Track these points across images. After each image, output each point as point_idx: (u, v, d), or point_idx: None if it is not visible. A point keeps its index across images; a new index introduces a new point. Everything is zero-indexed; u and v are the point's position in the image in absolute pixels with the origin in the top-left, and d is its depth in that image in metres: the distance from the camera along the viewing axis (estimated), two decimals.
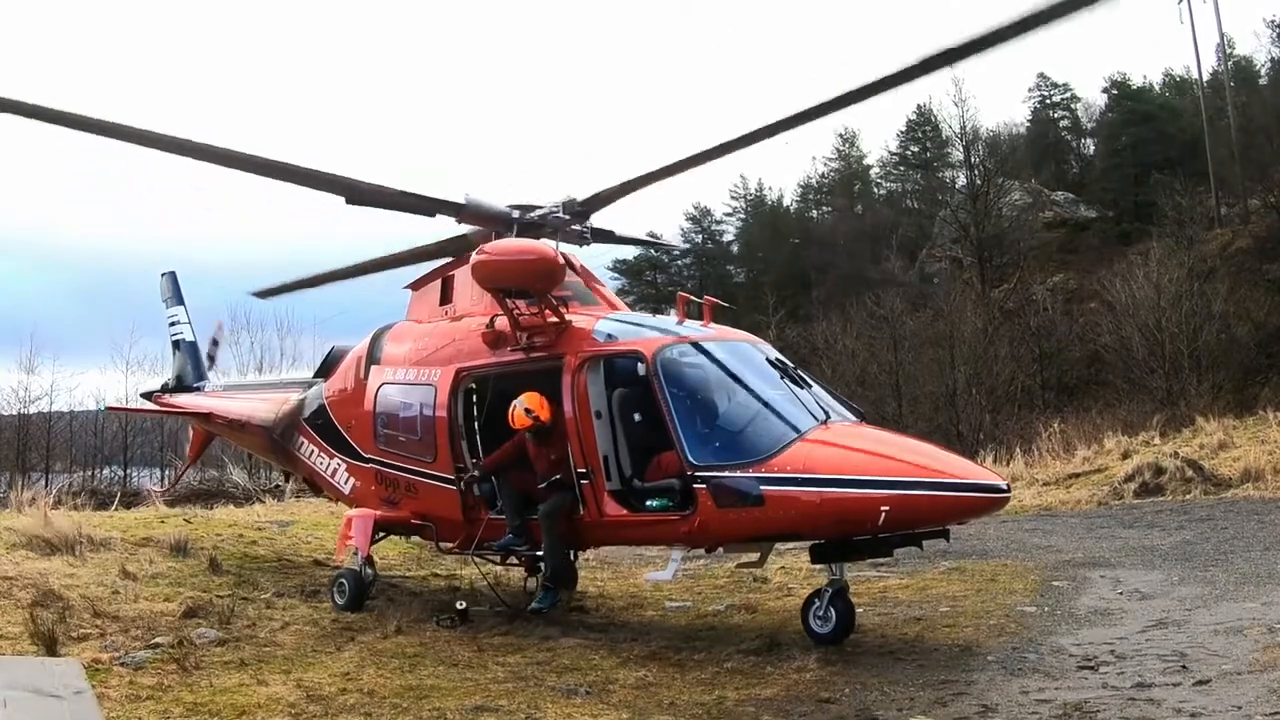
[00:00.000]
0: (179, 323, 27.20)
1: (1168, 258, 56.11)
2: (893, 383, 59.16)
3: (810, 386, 14.59)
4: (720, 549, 15.96)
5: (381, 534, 17.84)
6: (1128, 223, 74.79)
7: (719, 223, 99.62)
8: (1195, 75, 77.95)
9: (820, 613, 13.41)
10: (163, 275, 27.99)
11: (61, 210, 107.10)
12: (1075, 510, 29.91)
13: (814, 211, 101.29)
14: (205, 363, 26.60)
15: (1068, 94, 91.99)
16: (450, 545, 17.36)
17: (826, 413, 13.97)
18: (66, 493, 37.01)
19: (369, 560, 16.85)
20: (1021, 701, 10.38)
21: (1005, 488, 12.95)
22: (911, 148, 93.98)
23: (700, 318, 16.57)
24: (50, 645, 12.28)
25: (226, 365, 66.38)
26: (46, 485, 53.40)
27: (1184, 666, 11.28)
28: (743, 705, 10.91)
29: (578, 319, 15.78)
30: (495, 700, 11.05)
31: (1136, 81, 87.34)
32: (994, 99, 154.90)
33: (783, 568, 20.88)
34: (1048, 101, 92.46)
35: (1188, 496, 29.13)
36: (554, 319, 15.56)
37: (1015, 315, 64.09)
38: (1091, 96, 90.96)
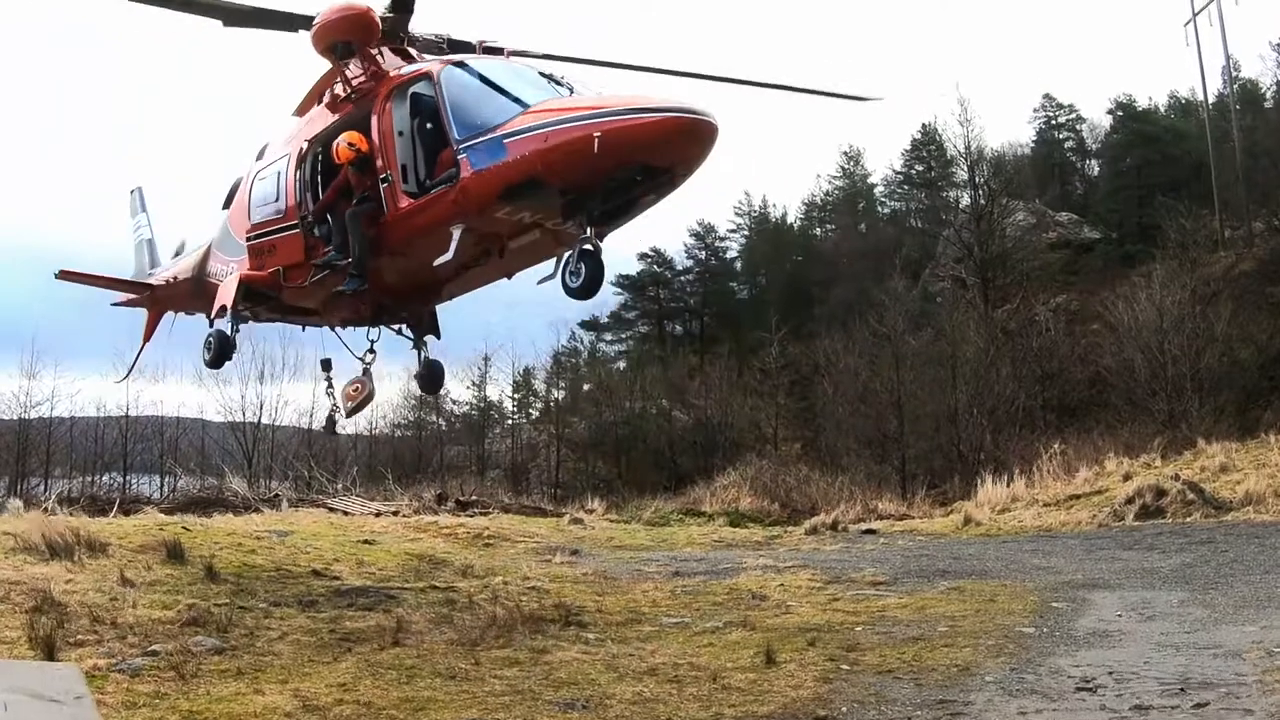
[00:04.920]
0: (142, 226, 28.42)
1: (1171, 280, 55.91)
2: (894, 401, 58.95)
3: (572, 90, 15.97)
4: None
5: (247, 307, 20.16)
6: (1131, 244, 74.53)
7: (723, 239, 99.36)
8: (1200, 98, 77.97)
9: (572, 268, 14.95)
10: (132, 191, 29.41)
11: (61, 216, 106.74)
12: (1075, 531, 29.92)
13: (817, 229, 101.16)
14: (159, 257, 27.25)
15: (1073, 115, 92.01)
16: (296, 285, 19.33)
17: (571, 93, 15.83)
18: (65, 499, 37.05)
19: (234, 315, 19.59)
20: None
21: (711, 117, 14.10)
22: (916, 167, 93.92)
23: None
24: (49, 651, 12.28)
25: (228, 374, 66.82)
26: (46, 491, 53.42)
27: (1183, 689, 11.28)
28: None
29: (398, 71, 18.09)
30: (492, 713, 11.07)
31: (1142, 103, 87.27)
32: (999, 119, 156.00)
33: (781, 585, 20.88)
34: (1053, 122, 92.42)
35: (1188, 519, 29.15)
36: (374, 69, 18.02)
37: (1017, 336, 63.85)
38: (1097, 118, 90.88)
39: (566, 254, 15.31)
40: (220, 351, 19.62)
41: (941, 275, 77.65)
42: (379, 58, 18.12)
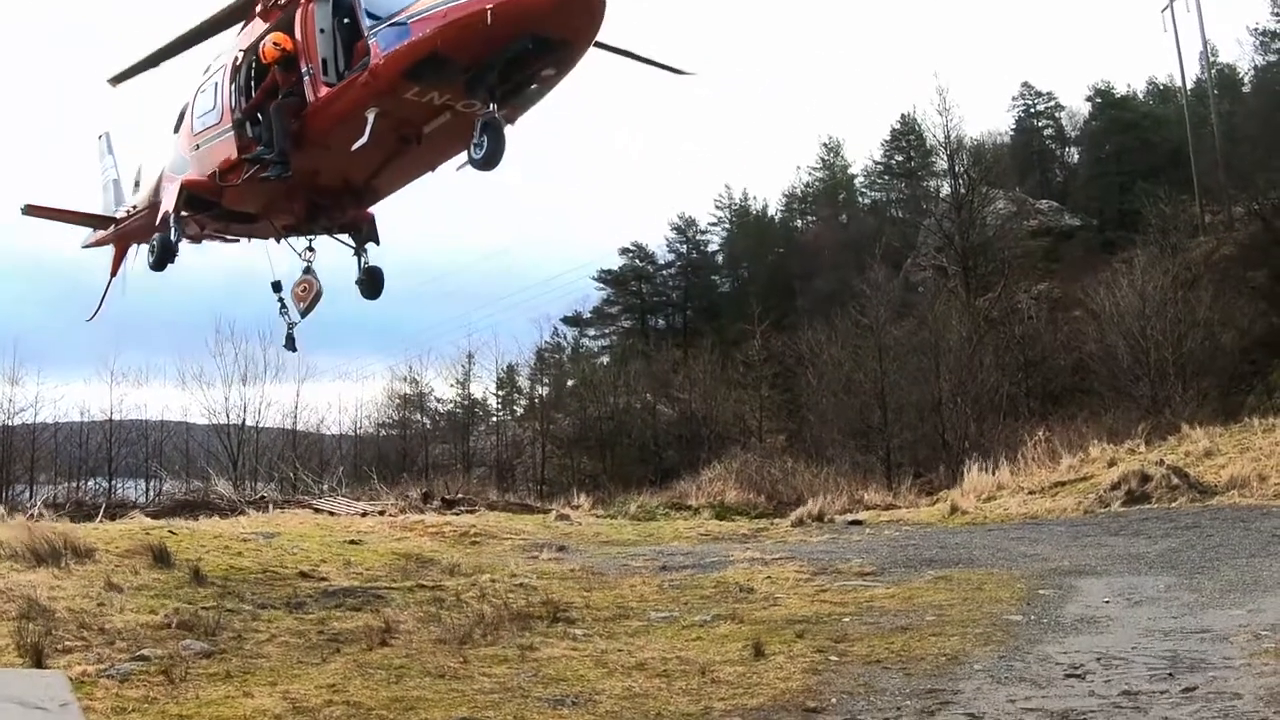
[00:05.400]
0: (109, 169, 28.48)
1: (1152, 265, 55.97)
2: (878, 391, 59.04)
3: None
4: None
5: (191, 215, 21.42)
6: (1112, 230, 74.87)
7: (703, 233, 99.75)
8: (1179, 83, 78.36)
9: (475, 140, 15.85)
10: (99, 136, 29.40)
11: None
12: (1061, 519, 29.92)
13: (798, 221, 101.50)
14: (124, 195, 27.36)
15: (1051, 103, 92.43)
16: (232, 185, 20.15)
17: None
18: (51, 504, 36.97)
19: (178, 222, 20.79)
20: (1008, 710, 10.40)
21: None
22: (896, 157, 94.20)
23: None
24: (37, 657, 12.25)
25: (211, 377, 66.90)
26: (31, 497, 53.32)
27: (1171, 674, 11.31)
28: (730, 715, 10.91)
29: None
30: (482, 711, 11.05)
31: (1120, 90, 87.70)
32: (978, 108, 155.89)
33: (769, 577, 20.87)
34: (1032, 110, 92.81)
35: (1174, 504, 29.15)
36: None
37: (1000, 324, 63.95)
38: (1075, 105, 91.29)
39: (473, 134, 16.05)
40: (162, 254, 20.90)
41: (923, 265, 77.86)
42: None
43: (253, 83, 19.64)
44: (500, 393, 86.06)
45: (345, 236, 22.53)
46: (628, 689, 12.02)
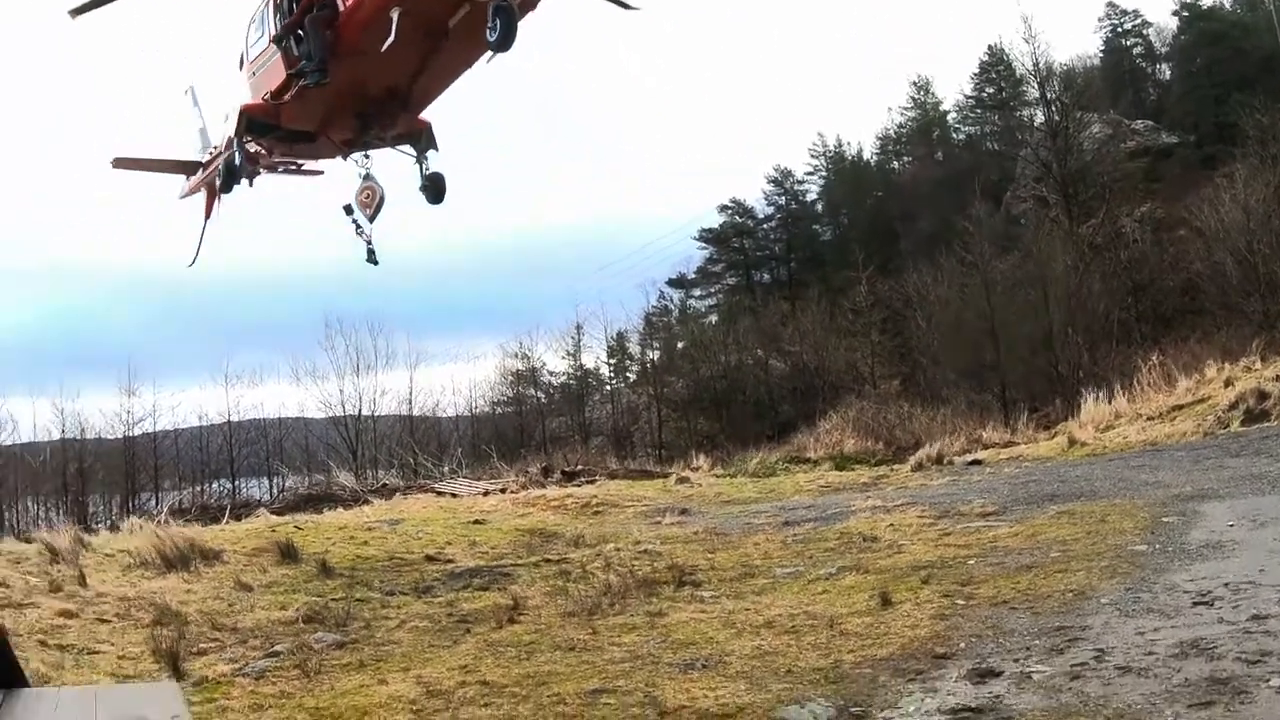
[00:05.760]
0: (197, 119, 28.80)
1: (1253, 178, 54.95)
2: (988, 328, 58.47)
3: None
4: None
5: (253, 139, 22.53)
6: (1210, 145, 73.44)
7: (800, 183, 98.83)
8: None
9: (490, 25, 16.44)
10: (185, 91, 29.82)
11: (140, 235, 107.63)
12: (1181, 443, 29.55)
13: (894, 163, 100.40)
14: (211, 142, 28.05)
15: (1138, 20, 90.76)
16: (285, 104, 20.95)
17: None
18: (177, 510, 37.55)
19: (240, 145, 22.00)
20: (1137, 643, 10.31)
21: None
22: (986, 89, 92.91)
23: None
24: (173, 662, 12.46)
25: (325, 371, 67.72)
26: (157, 504, 54.18)
27: None
28: (860, 667, 10.91)
29: None
30: (613, 681, 11.11)
31: (1207, 1, 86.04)
32: (1065, 32, 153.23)
33: (891, 525, 20.82)
34: (1119, 30, 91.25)
35: None
36: None
37: (1105, 250, 63.09)
38: (1163, 21, 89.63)
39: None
40: (228, 175, 22.61)
41: (1023, 196, 76.94)
42: None
43: (293, 4, 20.22)
44: (611, 361, 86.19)
45: (406, 148, 23.25)
46: (757, 648, 12.05)
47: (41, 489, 66.11)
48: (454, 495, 37.36)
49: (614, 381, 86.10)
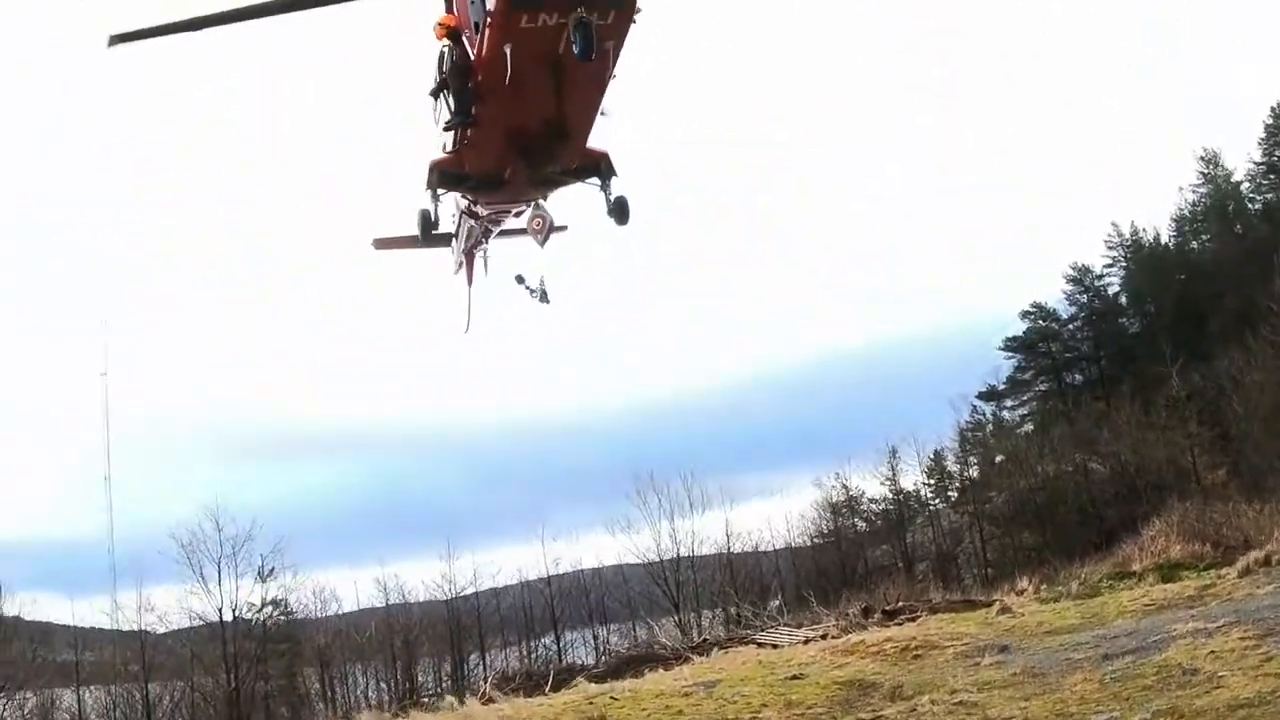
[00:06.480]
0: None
1: None
2: None
3: None
4: None
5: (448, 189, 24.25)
6: None
7: (1100, 278, 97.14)
8: None
9: (571, 37, 18.07)
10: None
11: (452, 398, 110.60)
12: None
13: (1193, 243, 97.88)
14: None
15: None
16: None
17: None
18: (501, 679, 38.65)
19: (434, 195, 23.31)
20: None
21: None
22: (1276, 153, 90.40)
23: None
24: None
25: (639, 525, 69.05)
26: (484, 668, 55.80)
27: None
28: None
29: None
30: None
31: None
32: None
33: (1212, 651, 20.30)
34: None
35: None
36: None
37: None
38: None
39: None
40: (424, 225, 23.80)
41: None
42: None
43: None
44: (930, 481, 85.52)
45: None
46: None
47: (371, 659, 68.76)
48: (775, 646, 37.69)
49: (935, 502, 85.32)
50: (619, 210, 24.50)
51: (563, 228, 27.16)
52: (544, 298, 26.88)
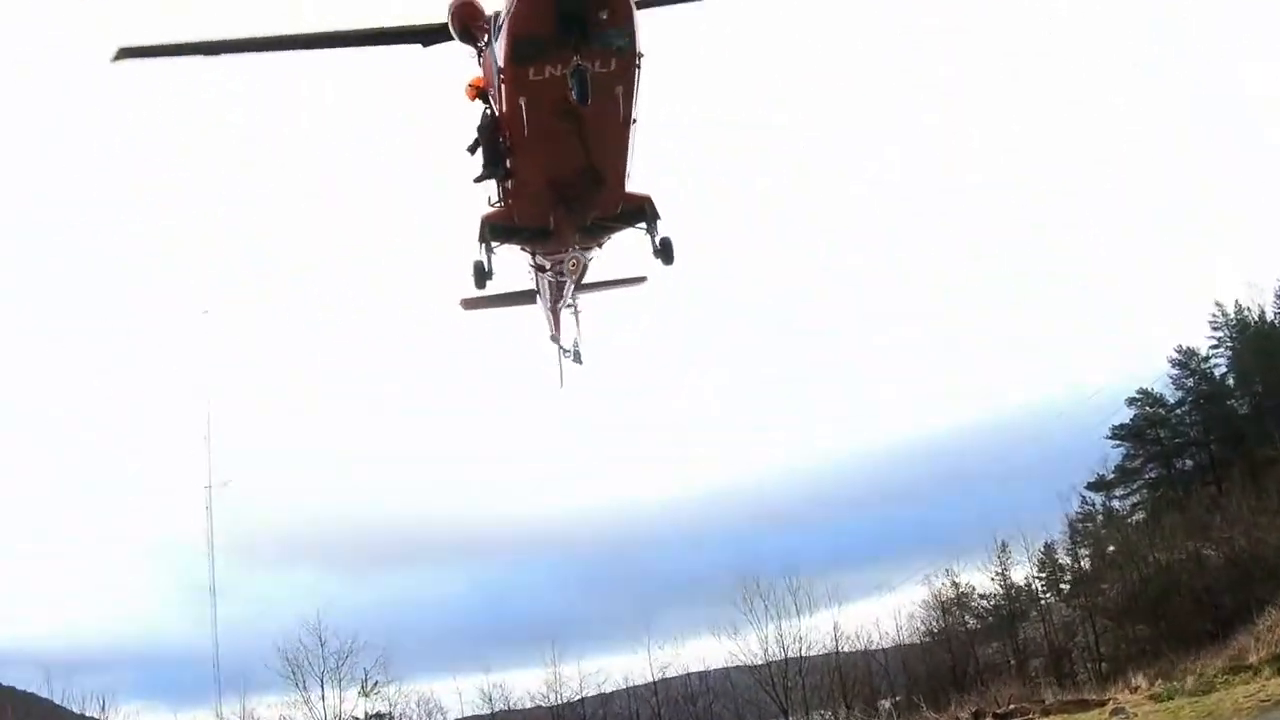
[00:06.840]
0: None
1: None
2: None
3: None
4: None
5: (503, 241, 26.17)
6: None
7: (1206, 360, 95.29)
8: None
9: (570, 86, 19.92)
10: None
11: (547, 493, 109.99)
12: None
13: None
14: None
15: None
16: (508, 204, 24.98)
17: None
18: None
19: (486, 248, 25.41)
20: None
21: None
22: None
23: None
24: None
25: (745, 629, 68.54)
26: None
27: None
28: None
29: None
30: None
31: None
32: None
33: None
34: None
35: None
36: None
37: None
38: None
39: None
40: (478, 276, 25.66)
41: None
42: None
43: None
44: (1042, 575, 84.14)
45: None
46: None
47: None
48: None
49: (1046, 596, 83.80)
50: (664, 252, 26.14)
51: (642, 279, 31.12)
52: (578, 358, 30.09)
